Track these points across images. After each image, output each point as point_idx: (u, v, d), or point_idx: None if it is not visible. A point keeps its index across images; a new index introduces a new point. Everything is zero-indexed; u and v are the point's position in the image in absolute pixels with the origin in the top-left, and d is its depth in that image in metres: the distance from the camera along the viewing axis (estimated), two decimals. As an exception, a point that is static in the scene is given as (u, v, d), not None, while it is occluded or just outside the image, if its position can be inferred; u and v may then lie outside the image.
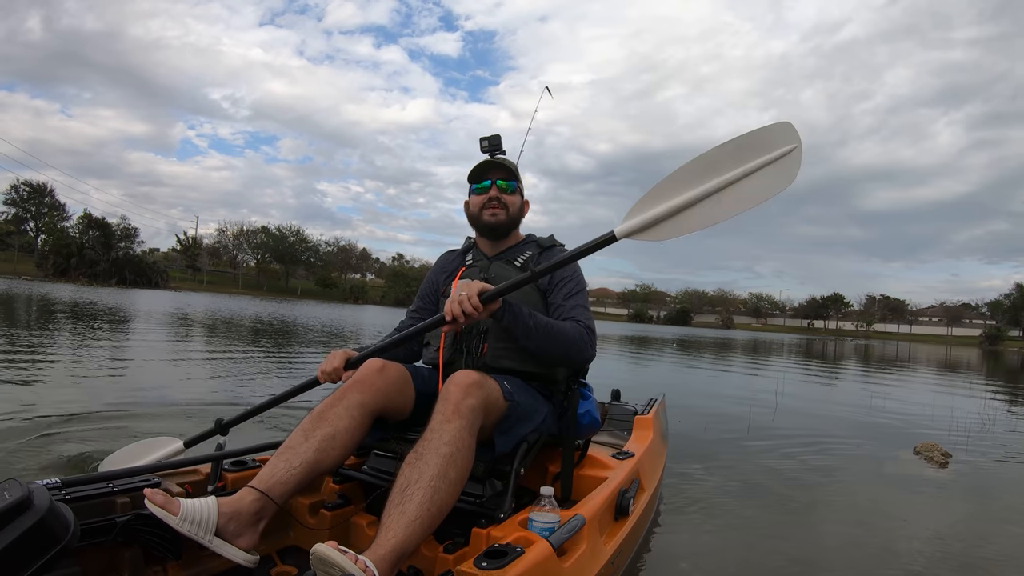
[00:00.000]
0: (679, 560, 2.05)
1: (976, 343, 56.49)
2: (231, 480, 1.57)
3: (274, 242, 62.36)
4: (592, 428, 1.82)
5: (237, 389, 4.99)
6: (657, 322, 75.72)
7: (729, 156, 1.40)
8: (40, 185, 54.82)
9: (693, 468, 3.20)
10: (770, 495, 2.90)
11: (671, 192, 1.43)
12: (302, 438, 1.35)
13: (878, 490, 3.21)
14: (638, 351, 15.57)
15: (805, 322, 77.51)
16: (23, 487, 1.02)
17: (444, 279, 1.89)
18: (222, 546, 1.19)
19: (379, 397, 1.48)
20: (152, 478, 1.42)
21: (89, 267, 42.88)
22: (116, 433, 3.19)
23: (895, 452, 4.15)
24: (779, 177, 1.37)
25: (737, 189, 1.39)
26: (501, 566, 1.12)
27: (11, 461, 2.58)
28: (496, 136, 1.88)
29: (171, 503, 1.16)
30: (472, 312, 1.44)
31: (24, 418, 3.38)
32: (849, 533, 2.46)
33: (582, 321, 1.68)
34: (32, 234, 54.09)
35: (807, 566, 2.10)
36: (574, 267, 1.80)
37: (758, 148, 1.38)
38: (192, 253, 59.56)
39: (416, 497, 1.19)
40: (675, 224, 1.43)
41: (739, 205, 1.39)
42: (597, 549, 1.46)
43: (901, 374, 12.87)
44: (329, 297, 58.29)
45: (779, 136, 1.37)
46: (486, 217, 1.81)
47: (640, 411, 2.58)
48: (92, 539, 1.22)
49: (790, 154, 1.36)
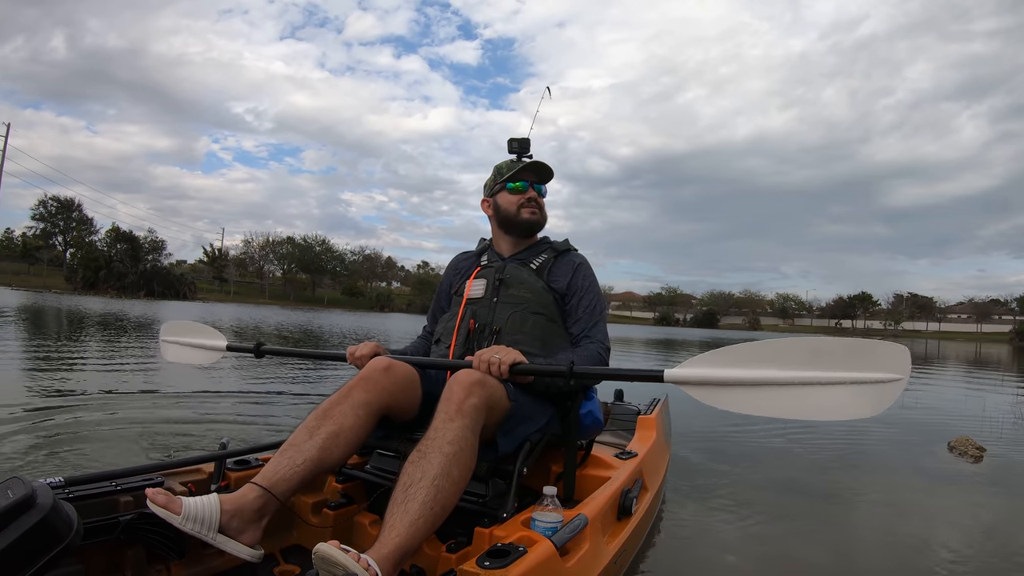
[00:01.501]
0: (682, 560, 2.04)
1: (1006, 339, 55.90)
2: (234, 479, 1.57)
3: (300, 252, 63.46)
4: (595, 428, 1.82)
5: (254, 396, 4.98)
6: (683, 325, 75.57)
7: (824, 354, 1.27)
8: (68, 200, 56.10)
9: (698, 467, 3.19)
10: (781, 493, 2.87)
11: (745, 361, 1.33)
12: (306, 435, 1.35)
13: (913, 483, 3.20)
14: (647, 351, 15.56)
15: (833, 322, 76.79)
16: (27, 485, 1.02)
17: (458, 279, 1.90)
18: (226, 542, 1.19)
19: (384, 396, 1.48)
20: (155, 477, 1.42)
21: (118, 280, 44.01)
22: (124, 434, 3.20)
23: (929, 447, 4.12)
24: (864, 402, 1.22)
25: (811, 393, 1.26)
26: (504, 565, 1.12)
27: (15, 459, 2.59)
28: (526, 139, 1.91)
29: (173, 502, 1.16)
30: (497, 375, 1.46)
31: (31, 420, 3.40)
32: (875, 527, 2.43)
33: (600, 342, 1.71)
34: (60, 248, 55.19)
35: (818, 566, 2.08)
36: (591, 277, 1.82)
37: (859, 361, 1.24)
38: (219, 264, 60.75)
39: (419, 496, 1.19)
40: (728, 396, 1.33)
41: (804, 410, 1.26)
42: (600, 549, 1.45)
43: (931, 372, 12.69)
44: (356, 306, 59.15)
45: (888, 359, 1.23)
46: (525, 215, 1.84)
47: (643, 411, 2.58)
48: (95, 538, 1.22)
49: (890, 384, 1.21)
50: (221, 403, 4.31)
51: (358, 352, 1.70)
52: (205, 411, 3.97)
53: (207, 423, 3.60)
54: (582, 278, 1.79)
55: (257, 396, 4.73)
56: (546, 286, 1.77)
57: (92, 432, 3.17)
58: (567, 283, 1.78)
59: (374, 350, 1.69)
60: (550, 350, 1.69)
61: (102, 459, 2.70)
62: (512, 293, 1.75)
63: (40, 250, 51.37)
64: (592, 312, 1.76)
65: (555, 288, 1.77)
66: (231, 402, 4.37)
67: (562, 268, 1.81)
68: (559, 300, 1.77)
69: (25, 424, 3.23)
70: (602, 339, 1.72)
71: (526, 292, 1.74)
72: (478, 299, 1.77)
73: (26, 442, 2.88)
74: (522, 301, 1.73)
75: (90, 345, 7.98)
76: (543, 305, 1.73)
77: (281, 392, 5.00)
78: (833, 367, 1.25)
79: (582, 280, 1.78)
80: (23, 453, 2.71)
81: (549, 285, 1.78)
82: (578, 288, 1.77)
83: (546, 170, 1.87)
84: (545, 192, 1.90)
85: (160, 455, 2.84)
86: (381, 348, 1.72)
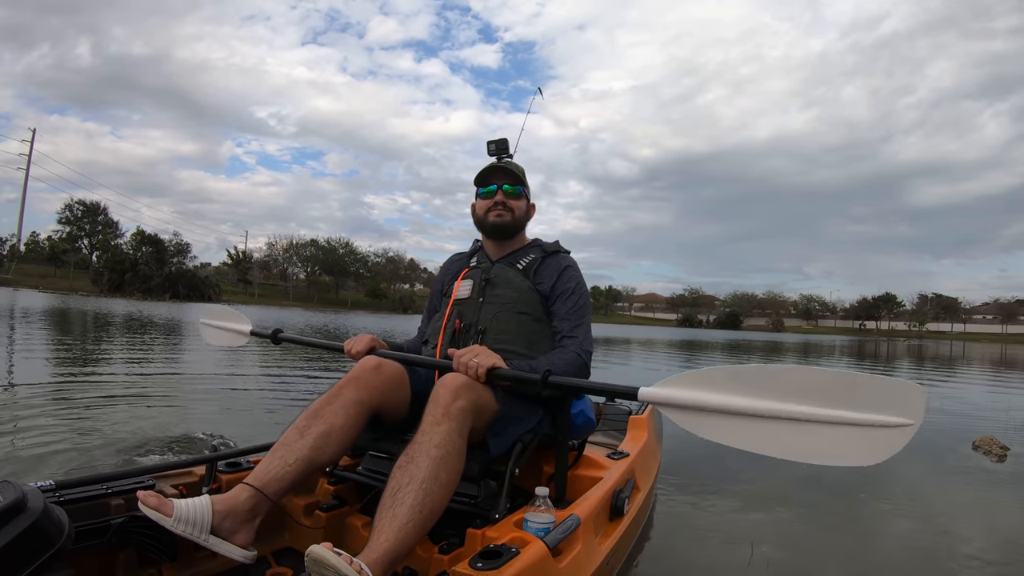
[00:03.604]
0: (674, 560, 2.05)
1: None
2: (226, 481, 1.57)
3: (323, 254, 63.80)
4: (587, 428, 1.83)
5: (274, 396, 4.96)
6: (706, 326, 75.33)
7: (825, 387, 1.15)
8: (93, 204, 56.71)
9: (689, 468, 3.20)
10: (777, 493, 2.88)
11: (729, 386, 1.21)
12: (297, 435, 1.35)
13: (936, 482, 3.22)
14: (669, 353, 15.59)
15: (857, 323, 76.64)
16: (17, 489, 1.02)
17: (449, 279, 1.90)
18: (218, 544, 1.19)
19: (375, 395, 1.49)
20: (146, 480, 1.41)
21: (143, 282, 44.35)
22: (115, 437, 3.18)
23: (953, 446, 4.14)
24: (865, 448, 1.11)
25: (803, 431, 1.14)
26: (496, 567, 1.12)
27: (4, 463, 2.57)
28: (503, 140, 1.89)
29: (165, 505, 1.16)
30: (474, 379, 1.45)
31: (22, 422, 3.37)
32: (887, 525, 2.44)
33: (581, 346, 1.70)
34: (86, 251, 55.53)
35: (818, 567, 2.09)
36: (577, 279, 1.81)
37: (864, 399, 1.11)
38: (243, 267, 60.91)
39: (407, 500, 1.19)
40: (706, 423, 1.23)
41: (791, 450, 1.15)
42: (592, 549, 1.46)
43: (955, 373, 12.73)
44: (379, 308, 59.59)
45: (898, 400, 1.10)
46: (491, 218, 1.83)
47: (635, 411, 2.59)
48: (86, 541, 1.22)
49: (898, 429, 1.09)
50: (213, 405, 4.29)
51: (355, 348, 1.71)
52: (197, 413, 3.95)
53: (198, 425, 3.58)
54: (568, 279, 1.78)
55: (249, 398, 4.71)
56: (532, 286, 1.77)
57: (83, 435, 3.14)
58: (552, 284, 1.78)
59: (370, 344, 1.71)
60: (535, 350, 1.69)
61: (93, 462, 2.68)
62: (498, 293, 1.75)
63: (66, 253, 51.78)
64: (576, 313, 1.75)
65: (540, 289, 1.78)
66: (223, 404, 4.35)
67: (549, 269, 1.81)
68: (545, 301, 1.78)
69: (15, 427, 3.21)
70: (583, 341, 1.71)
71: (512, 292, 1.75)
72: (465, 299, 1.78)
73: (16, 445, 2.86)
74: (507, 301, 1.73)
75: (94, 347, 7.90)
76: (528, 305, 1.74)
77: (274, 394, 4.98)
78: (833, 403, 1.13)
79: (568, 281, 1.78)
80: (12, 457, 2.68)
81: (535, 286, 1.78)
82: (563, 289, 1.77)
83: (512, 171, 1.83)
84: (521, 192, 1.85)
85: (151, 458, 2.82)
86: (379, 341, 1.73)
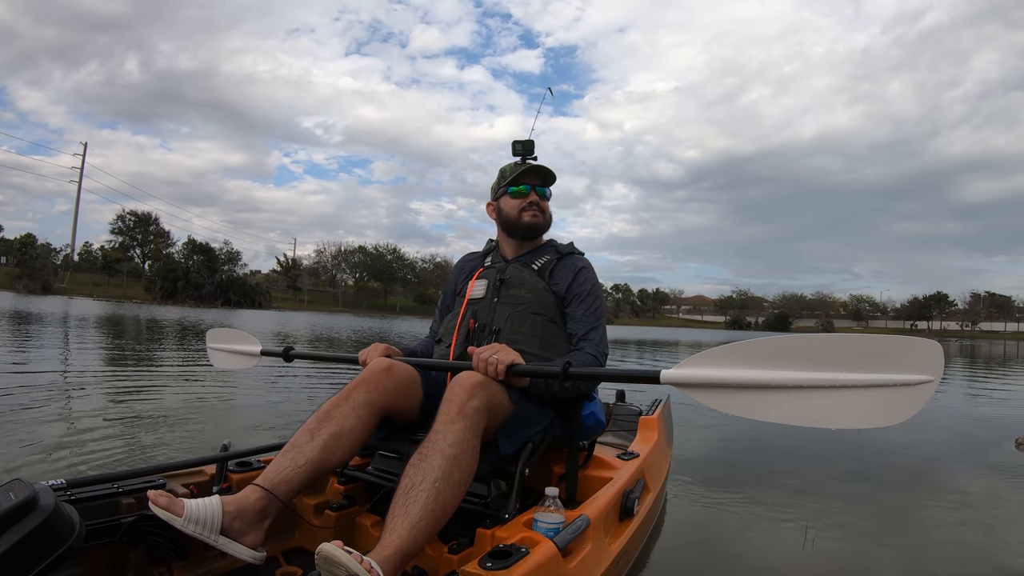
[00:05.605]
0: (684, 561, 2.04)
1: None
2: (236, 481, 1.57)
3: (372, 261, 65.16)
4: (597, 429, 1.82)
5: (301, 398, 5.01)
6: (755, 328, 74.57)
7: (842, 352, 1.15)
8: (145, 214, 58.39)
9: (700, 468, 3.18)
10: (788, 494, 2.82)
11: (751, 360, 1.22)
12: (307, 437, 1.35)
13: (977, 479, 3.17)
14: (692, 353, 15.51)
15: (908, 323, 75.49)
16: (29, 487, 1.02)
17: (463, 279, 1.90)
18: (228, 544, 1.19)
19: (385, 396, 1.48)
20: (157, 479, 1.42)
21: (195, 290, 45.30)
22: (126, 436, 3.20)
23: (997, 443, 4.10)
24: (889, 408, 1.11)
25: (826, 397, 1.14)
26: (506, 567, 1.12)
27: (17, 461, 2.59)
28: (530, 141, 1.89)
29: (175, 504, 1.16)
30: (494, 376, 1.46)
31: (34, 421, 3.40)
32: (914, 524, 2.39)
33: (598, 348, 1.70)
34: (139, 260, 57.15)
35: (835, 569, 2.05)
36: (593, 281, 1.81)
37: (882, 361, 1.12)
38: (292, 274, 62.10)
39: (420, 499, 1.19)
40: (731, 399, 1.24)
41: (817, 417, 1.15)
42: (602, 550, 1.45)
43: (1005, 372, 12.53)
44: (427, 313, 60.14)
45: (917, 358, 1.11)
46: (527, 218, 1.83)
47: (645, 412, 2.58)
48: (97, 540, 1.22)
49: (918, 387, 1.10)
50: (223, 405, 4.32)
51: (369, 358, 1.69)
52: (207, 413, 3.97)
53: (209, 425, 3.60)
54: (583, 281, 1.78)
55: (260, 398, 4.73)
56: (547, 287, 1.77)
57: (95, 434, 3.17)
58: (567, 285, 1.78)
59: (384, 353, 1.70)
60: (549, 351, 1.69)
61: (104, 461, 2.70)
62: (512, 293, 1.75)
63: (119, 262, 53.47)
64: (591, 316, 1.75)
65: (556, 290, 1.77)
66: (233, 404, 4.37)
67: (564, 270, 1.81)
68: (560, 302, 1.77)
69: (27, 426, 3.24)
70: (599, 343, 1.71)
71: (527, 292, 1.74)
72: (479, 299, 1.78)
73: (28, 444, 2.88)
74: (522, 301, 1.73)
75: (118, 353, 7.98)
76: (543, 306, 1.73)
77: (284, 394, 5.00)
78: (852, 367, 1.13)
79: (583, 283, 1.78)
80: (25, 455, 2.71)
81: (550, 287, 1.78)
82: (578, 291, 1.77)
83: (548, 173, 1.86)
84: (549, 194, 1.89)
85: (162, 457, 2.84)
86: (393, 349, 1.73)
